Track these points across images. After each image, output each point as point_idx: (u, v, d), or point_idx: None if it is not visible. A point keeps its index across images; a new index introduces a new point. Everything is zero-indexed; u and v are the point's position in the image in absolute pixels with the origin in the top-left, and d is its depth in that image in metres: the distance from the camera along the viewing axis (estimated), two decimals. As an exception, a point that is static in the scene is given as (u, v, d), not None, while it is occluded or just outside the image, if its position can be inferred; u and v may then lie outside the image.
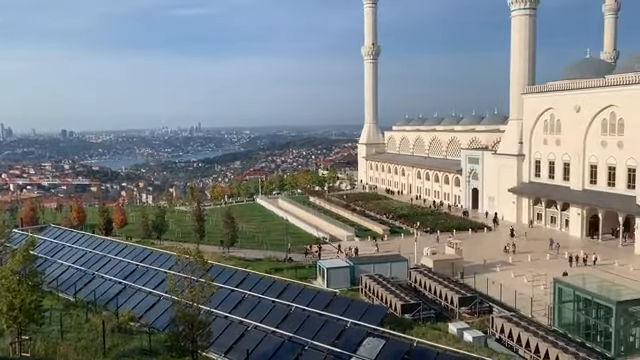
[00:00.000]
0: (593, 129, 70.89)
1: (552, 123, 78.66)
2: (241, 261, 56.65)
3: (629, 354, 34.25)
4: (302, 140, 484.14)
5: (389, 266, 50.92)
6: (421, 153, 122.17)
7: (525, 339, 33.87)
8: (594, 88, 70.54)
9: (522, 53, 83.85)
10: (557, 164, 77.57)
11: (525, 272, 53.23)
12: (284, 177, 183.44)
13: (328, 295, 37.79)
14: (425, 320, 39.39)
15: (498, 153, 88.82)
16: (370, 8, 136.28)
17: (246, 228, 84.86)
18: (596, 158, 70.70)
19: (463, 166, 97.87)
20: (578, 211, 72.22)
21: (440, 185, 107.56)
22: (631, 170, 65.06)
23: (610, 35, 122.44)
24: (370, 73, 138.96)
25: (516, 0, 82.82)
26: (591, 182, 71.56)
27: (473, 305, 41.96)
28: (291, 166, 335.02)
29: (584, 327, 37.02)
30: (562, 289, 39.00)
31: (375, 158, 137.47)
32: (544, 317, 40.70)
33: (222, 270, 41.70)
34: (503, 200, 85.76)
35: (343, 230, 78.07)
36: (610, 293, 36.94)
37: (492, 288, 46.84)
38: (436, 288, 45.25)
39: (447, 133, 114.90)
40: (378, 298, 43.51)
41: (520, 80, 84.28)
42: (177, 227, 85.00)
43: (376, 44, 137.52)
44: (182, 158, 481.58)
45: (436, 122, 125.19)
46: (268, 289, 38.15)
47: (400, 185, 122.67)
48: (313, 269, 54.11)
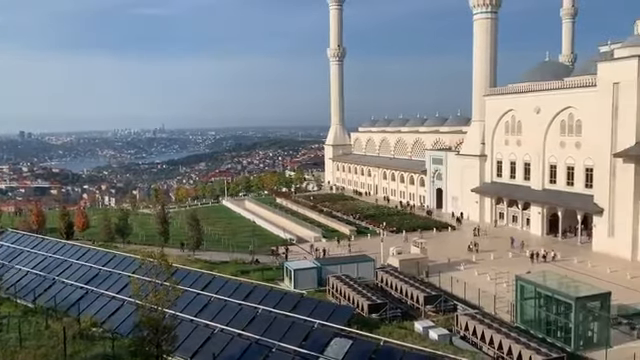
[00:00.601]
0: (552, 130, 72.94)
1: (513, 124, 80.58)
2: (207, 264, 56.00)
3: (587, 348, 35.35)
4: (268, 141, 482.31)
5: (356, 266, 51.20)
6: (387, 154, 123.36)
7: (489, 336, 34.55)
8: (553, 90, 72.60)
9: (484, 56, 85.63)
10: (518, 164, 79.48)
11: (488, 270, 54.34)
12: (250, 178, 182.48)
13: (295, 297, 37.73)
14: (392, 319, 39.74)
15: (461, 154, 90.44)
16: (336, 10, 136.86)
17: (212, 230, 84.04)
18: (555, 158, 72.76)
19: (427, 167, 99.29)
20: (539, 210, 74.17)
21: (405, 185, 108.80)
22: (589, 170, 67.19)
23: (568, 39, 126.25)
24: (336, 74, 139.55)
25: (478, 4, 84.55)
26: (551, 182, 73.61)
27: (438, 303, 42.59)
28: (257, 167, 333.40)
29: (545, 323, 38.02)
30: (524, 286, 39.97)
31: (342, 159, 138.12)
32: (507, 314, 41.63)
33: (187, 273, 41.18)
34: (466, 200, 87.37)
35: (310, 231, 78.14)
36: (569, 289, 38.05)
37: (456, 286, 47.66)
38: (402, 287, 45.74)
39: (412, 134, 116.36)
40: (345, 298, 43.69)
41: (482, 82, 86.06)
42: (141, 230, 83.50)
43: (342, 46, 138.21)
44: (146, 160, 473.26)
45: (401, 123, 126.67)
46: (234, 292, 37.85)
47: (367, 186, 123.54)
48: (280, 271, 53.95)
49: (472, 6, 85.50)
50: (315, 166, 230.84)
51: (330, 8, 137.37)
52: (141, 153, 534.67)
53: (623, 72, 59.81)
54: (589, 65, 69.77)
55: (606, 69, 62.35)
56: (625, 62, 59.90)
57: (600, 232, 63.30)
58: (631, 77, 58.75)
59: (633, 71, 58.54)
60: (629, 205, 59.30)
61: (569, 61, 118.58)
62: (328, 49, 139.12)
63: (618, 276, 52.41)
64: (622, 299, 42.88)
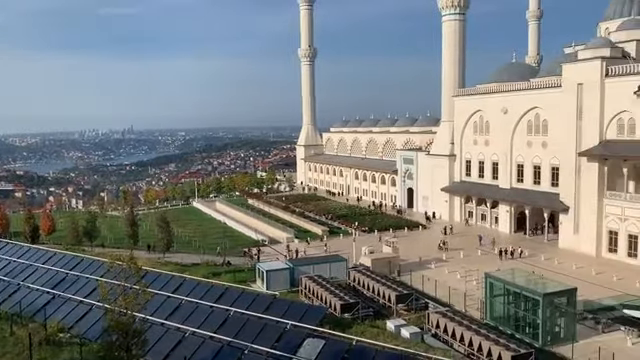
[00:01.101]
0: (519, 130, 74.41)
1: (481, 124, 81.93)
2: (177, 266, 55.38)
3: (555, 343, 36.16)
4: (240, 142, 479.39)
5: (328, 266, 51.27)
6: (358, 154, 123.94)
7: (459, 333, 35.03)
8: (520, 91, 74.08)
9: (453, 57, 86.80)
10: (486, 164, 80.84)
11: (458, 268, 55.12)
12: (221, 179, 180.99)
13: (267, 298, 37.62)
14: (364, 318, 39.92)
15: (431, 154, 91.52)
16: (306, 10, 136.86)
17: (182, 232, 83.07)
18: (522, 157, 74.25)
19: (398, 166, 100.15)
20: (507, 208, 75.58)
21: (377, 185, 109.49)
22: (555, 169, 68.77)
23: (534, 40, 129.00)
24: (307, 75, 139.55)
25: (446, 6, 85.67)
26: (518, 180, 75.08)
27: (410, 302, 42.98)
28: (229, 168, 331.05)
29: (514, 319, 38.75)
30: (493, 283, 40.65)
31: (314, 159, 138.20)
32: (477, 311, 42.26)
33: (157, 276, 40.65)
34: (436, 199, 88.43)
35: (282, 232, 77.94)
36: (537, 286, 38.88)
37: (427, 284, 48.23)
38: (374, 286, 46.00)
39: (383, 135, 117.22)
40: (318, 299, 43.71)
41: (451, 83, 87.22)
42: (109, 233, 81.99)
43: (312, 46, 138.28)
44: (114, 161, 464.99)
45: (372, 124, 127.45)
46: (206, 294, 37.53)
47: (339, 186, 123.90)
48: (252, 272, 53.65)
49: (441, 7, 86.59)
50: (287, 167, 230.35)
51: (300, 9, 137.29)
52: (109, 154, 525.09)
53: (587, 73, 61.41)
54: (554, 66, 71.42)
55: (570, 70, 63.93)
56: (589, 63, 61.52)
57: (566, 229, 64.86)
58: (594, 78, 60.38)
59: (596, 72, 60.17)
60: (593, 203, 60.93)
61: (535, 62, 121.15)
62: (299, 49, 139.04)
63: (583, 272, 53.81)
64: (587, 294, 44.00)
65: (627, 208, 57.81)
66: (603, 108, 60.03)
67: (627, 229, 57.91)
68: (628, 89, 57.06)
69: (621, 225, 58.55)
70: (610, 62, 59.94)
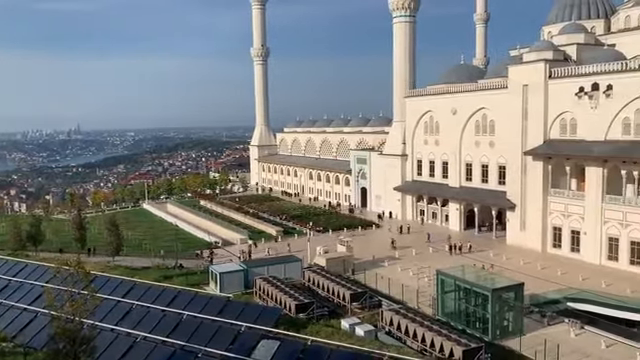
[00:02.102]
0: (468, 130, 76.39)
1: (432, 125, 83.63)
2: (127, 270, 53.89)
3: (504, 337, 37.31)
4: (191, 142, 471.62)
5: (283, 267, 51.12)
6: (312, 154, 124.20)
7: (412, 330, 35.62)
8: (468, 92, 76.08)
9: (403, 58, 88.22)
10: (437, 163, 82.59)
11: (411, 266, 56.09)
12: (172, 181, 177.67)
13: (221, 300, 37.16)
14: (319, 318, 40.03)
15: (384, 153, 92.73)
16: (258, 10, 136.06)
17: (132, 235, 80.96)
18: (471, 157, 76.28)
19: (352, 166, 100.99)
20: (456, 206, 77.47)
21: (331, 185, 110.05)
22: (501, 167, 70.97)
23: (481, 43, 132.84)
24: (260, 75, 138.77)
25: (397, 7, 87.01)
26: (467, 179, 77.09)
27: (364, 300, 43.37)
28: (180, 169, 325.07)
29: (465, 315, 39.74)
30: (444, 280, 41.57)
31: (267, 160, 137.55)
32: (429, 307, 43.11)
33: (107, 280, 39.51)
34: (389, 198, 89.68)
35: (236, 233, 77.16)
36: (486, 282, 40.01)
37: (381, 282, 48.85)
38: (329, 286, 46.18)
39: (336, 135, 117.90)
40: (272, 300, 43.52)
41: (402, 84, 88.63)
42: (55, 237, 78.92)
43: (265, 46, 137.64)
44: (59, 163, 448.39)
45: (326, 124, 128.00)
46: (158, 298, 36.71)
47: (293, 186, 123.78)
48: (205, 275, 52.85)
49: (392, 9, 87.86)
50: (240, 167, 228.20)
51: (253, 8, 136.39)
52: (54, 156, 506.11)
53: (531, 75, 63.67)
54: (500, 68, 73.67)
55: (516, 72, 66.13)
56: (533, 65, 63.81)
57: (513, 226, 67.06)
58: (539, 79, 62.68)
59: (540, 74, 62.48)
60: (538, 200, 63.24)
61: (482, 64, 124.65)
62: (252, 49, 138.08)
63: (530, 267, 55.78)
64: (534, 289, 45.65)
65: (570, 205, 60.32)
66: (547, 109, 62.41)
67: (570, 225, 60.40)
68: (570, 90, 59.53)
69: (565, 221, 61.02)
70: (553, 64, 62.37)
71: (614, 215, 55.69)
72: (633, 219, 53.92)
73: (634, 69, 53.97)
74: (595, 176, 57.32)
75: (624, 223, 54.78)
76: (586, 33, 69.54)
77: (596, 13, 78.28)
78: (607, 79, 56.08)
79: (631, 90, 53.92)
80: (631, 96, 53.93)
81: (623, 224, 54.87)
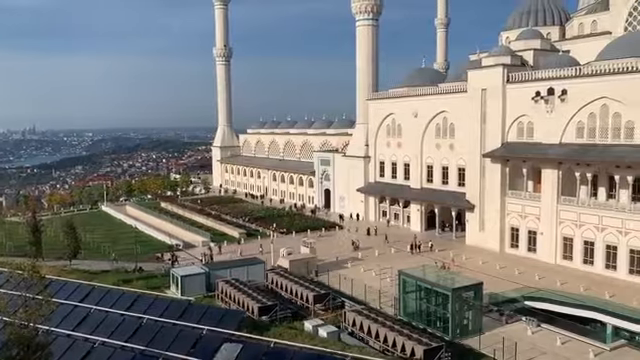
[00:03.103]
0: (429, 133, 77.64)
1: (394, 127, 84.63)
2: (85, 274, 52.52)
3: (464, 336, 38.05)
4: (152, 143, 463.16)
5: (246, 270, 50.72)
6: (276, 156, 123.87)
7: (375, 330, 35.94)
8: (429, 95, 77.34)
9: (366, 61, 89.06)
10: (399, 165, 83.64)
11: (373, 266, 56.58)
12: (132, 182, 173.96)
13: (182, 304, 36.57)
14: (282, 320, 39.91)
15: (347, 155, 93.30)
16: (221, 10, 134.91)
17: (90, 238, 78.93)
18: (432, 159, 77.55)
19: (316, 168, 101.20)
20: (418, 207, 78.61)
21: (295, 187, 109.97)
22: (461, 169, 72.40)
23: (442, 47, 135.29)
24: (223, 75, 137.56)
25: (360, 11, 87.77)
26: (428, 181, 78.33)
27: (327, 301, 43.49)
28: (140, 170, 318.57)
29: (426, 314, 40.37)
30: (406, 280, 42.11)
31: (230, 161, 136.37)
32: (391, 307, 43.58)
33: (63, 285, 38.39)
34: (353, 199, 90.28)
35: (198, 235, 76.20)
36: (446, 281, 40.73)
37: (344, 284, 49.09)
38: (292, 288, 46.13)
39: (300, 136, 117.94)
40: (235, 303, 43.16)
41: (365, 86, 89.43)
42: (8, 240, 76.20)
43: (228, 46, 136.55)
44: (13, 164, 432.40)
45: (290, 125, 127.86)
46: (116, 302, 35.88)
47: (257, 188, 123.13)
48: (166, 278, 51.99)
49: (355, 13, 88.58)
50: (202, 168, 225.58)
51: (215, 8, 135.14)
52: (8, 156, 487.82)
53: (490, 79, 65.21)
54: (460, 72, 75.18)
55: (475, 76, 67.61)
56: (491, 70, 65.36)
57: (472, 226, 68.48)
58: (497, 84, 64.25)
59: (498, 78, 64.05)
60: (497, 201, 64.79)
61: (443, 68, 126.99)
62: (214, 49, 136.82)
63: (489, 267, 57.09)
64: (492, 288, 46.71)
65: (527, 206, 62.03)
66: (505, 112, 64.01)
67: (527, 226, 62.10)
68: (527, 95, 61.22)
69: (522, 222, 62.69)
70: (511, 69, 64.04)
71: (569, 216, 57.56)
72: (586, 219, 55.85)
73: (587, 75, 55.96)
74: (551, 178, 59.13)
75: (578, 223, 56.68)
76: (542, 39, 71.75)
77: (552, 20, 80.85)
78: (562, 84, 57.96)
79: (584, 95, 55.88)
80: (585, 100, 55.88)
81: (577, 224, 56.76)
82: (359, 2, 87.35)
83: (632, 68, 51.70)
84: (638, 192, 53.39)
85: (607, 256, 54.01)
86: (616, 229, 53.14)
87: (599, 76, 54.64)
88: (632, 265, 51.96)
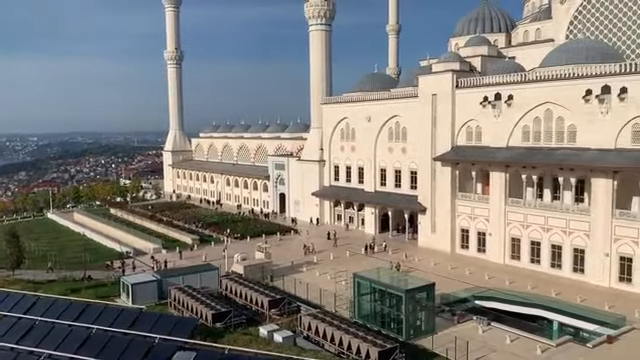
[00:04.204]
0: (382, 137, 78.72)
1: (348, 131, 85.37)
2: (30, 284, 50.49)
3: (417, 336, 38.68)
4: (100, 147, 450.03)
5: (199, 276, 49.95)
6: (230, 160, 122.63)
7: (330, 333, 36.06)
8: (381, 100, 78.46)
9: (320, 65, 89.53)
10: (353, 168, 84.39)
11: (328, 270, 56.79)
12: (80, 188, 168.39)
13: (133, 312, 35.59)
14: (237, 326, 39.55)
15: (302, 159, 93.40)
16: (172, 12, 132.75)
17: (35, 247, 75.84)
18: (385, 163, 78.63)
19: (270, 172, 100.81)
20: (372, 210, 79.50)
21: (249, 191, 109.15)
22: (413, 173, 73.71)
23: (393, 52, 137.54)
24: (174, 78, 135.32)
25: (313, 16, 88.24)
26: (382, 184, 79.37)
27: (282, 306, 43.37)
28: (88, 176, 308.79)
29: (380, 316, 40.81)
30: (360, 283, 42.46)
31: (182, 166, 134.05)
32: (347, 310, 43.82)
33: (6, 296, 36.72)
34: (308, 203, 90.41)
35: (149, 242, 74.43)
36: (400, 283, 41.35)
37: (300, 288, 49.04)
38: (247, 293, 45.75)
39: (255, 140, 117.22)
40: (188, 310, 42.44)
41: (319, 91, 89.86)
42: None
43: (179, 49, 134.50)
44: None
45: (244, 129, 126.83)
46: (64, 312, 34.57)
47: (210, 193, 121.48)
48: (116, 286, 50.57)
49: (308, 17, 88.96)
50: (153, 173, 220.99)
51: (166, 10, 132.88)
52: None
53: (440, 84, 66.75)
54: (411, 77, 76.59)
55: (425, 82, 69.06)
56: (441, 75, 66.93)
57: (424, 228, 69.79)
58: (446, 89, 65.82)
59: (448, 83, 65.65)
60: (447, 204, 66.28)
61: (394, 73, 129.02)
62: (165, 52, 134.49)
63: (440, 268, 58.29)
64: (444, 288, 47.70)
65: (476, 208, 63.73)
66: (454, 117, 65.65)
67: (476, 227, 63.79)
68: (475, 100, 63.01)
69: (471, 223, 64.36)
70: (460, 75, 65.77)
71: (516, 217, 59.49)
72: (533, 220, 57.87)
73: (531, 80, 58.11)
74: (498, 180, 60.99)
75: (525, 224, 58.67)
76: (489, 46, 74.04)
77: (498, 27, 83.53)
78: (508, 89, 59.96)
79: (529, 100, 58.00)
80: (530, 105, 57.99)
81: (524, 225, 58.74)
82: (312, 7, 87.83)
83: (572, 74, 54.08)
84: (581, 193, 55.86)
85: (552, 255, 56.15)
86: (561, 229, 55.33)
87: (542, 82, 56.87)
88: (576, 263, 54.22)
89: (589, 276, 52.76)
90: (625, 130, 50.45)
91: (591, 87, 52.23)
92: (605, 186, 51.41)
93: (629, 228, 50.05)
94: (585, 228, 53.19)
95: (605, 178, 51.33)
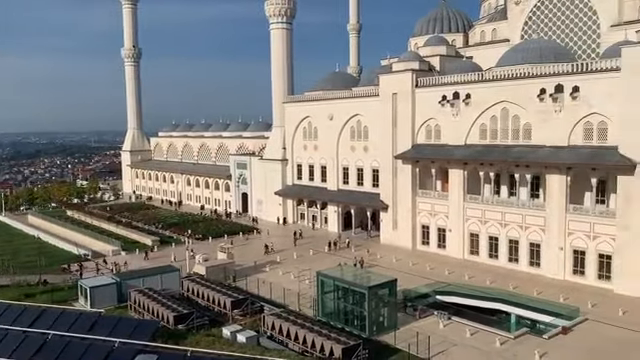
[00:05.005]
0: (344, 135, 79.15)
1: (310, 130, 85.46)
2: (-19, 290, 48.59)
3: (380, 332, 39.09)
4: (55, 148, 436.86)
5: (160, 278, 49.18)
6: (190, 159, 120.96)
7: (294, 332, 36.07)
8: (343, 99, 78.85)
9: (281, 64, 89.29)
10: (316, 167, 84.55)
11: (292, 269, 56.74)
12: (34, 190, 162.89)
13: (92, 316, 34.79)
14: (199, 328, 39.12)
15: (264, 158, 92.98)
16: (129, 9, 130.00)
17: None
18: (347, 161, 79.10)
19: (232, 171, 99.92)
20: (335, 209, 79.86)
21: (211, 191, 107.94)
22: (375, 171, 74.40)
23: (354, 51, 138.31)
24: (132, 76, 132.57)
25: (273, 14, 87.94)
26: (344, 182, 79.82)
27: (245, 307, 43.10)
28: (43, 177, 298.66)
29: (344, 313, 41.06)
30: (324, 281, 42.62)
31: (141, 166, 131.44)
32: (310, 309, 43.90)
33: (-45, 303, 35.19)
34: (271, 203, 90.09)
35: (107, 244, 72.73)
36: (363, 280, 41.69)
37: (263, 288, 48.87)
38: (209, 295, 45.28)
39: (215, 139, 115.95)
40: (149, 312, 41.71)
41: (281, 89, 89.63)
42: None
43: (137, 46, 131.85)
44: None
45: (204, 128, 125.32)
46: (18, 318, 33.50)
47: (170, 193, 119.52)
48: (74, 290, 49.23)
49: (268, 16, 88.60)
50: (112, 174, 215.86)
51: (123, 7, 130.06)
52: None
53: (400, 83, 67.57)
54: (373, 77, 77.26)
55: (386, 81, 69.78)
56: (401, 75, 67.76)
57: (386, 225, 70.58)
58: (406, 88, 66.68)
59: (408, 83, 66.52)
60: (408, 201, 67.21)
61: (356, 72, 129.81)
62: (122, 49, 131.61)
63: (402, 264, 59.08)
64: (406, 284, 48.32)
65: (436, 205, 64.85)
66: (414, 115, 66.58)
67: (437, 223, 64.92)
68: (434, 98, 64.06)
69: (432, 220, 65.46)
70: (419, 74, 66.73)
71: (474, 213, 60.82)
72: (490, 216, 59.28)
73: (488, 80, 59.47)
74: (457, 178, 62.21)
75: (483, 220, 60.03)
76: (447, 46, 75.39)
77: (456, 27, 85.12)
78: (466, 88, 61.21)
79: (486, 99, 59.36)
80: (487, 104, 59.34)
81: (482, 221, 60.11)
82: (273, 5, 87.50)
83: (527, 74, 55.64)
84: (536, 189, 57.53)
85: (510, 250, 57.67)
86: (517, 224, 56.88)
87: (498, 81, 58.28)
88: (532, 257, 55.84)
89: (545, 269, 54.45)
90: (577, 128, 52.23)
91: (545, 86, 53.85)
92: (559, 182, 53.13)
93: (582, 222, 51.87)
94: (540, 223, 54.84)
95: (559, 174, 53.04)
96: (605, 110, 49.95)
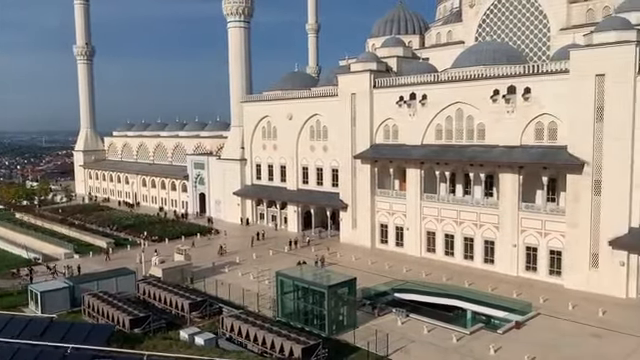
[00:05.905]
0: (303, 135, 79.18)
1: (269, 130, 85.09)
2: None
3: (339, 331, 39.29)
4: (3, 147, 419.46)
5: (114, 281, 48.02)
6: (145, 159, 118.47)
7: (253, 334, 35.85)
8: (302, 99, 78.85)
9: (239, 63, 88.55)
10: (275, 167, 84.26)
11: (251, 269, 56.38)
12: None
13: (43, 322, 33.69)
14: (156, 331, 38.42)
15: (222, 158, 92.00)
16: (81, 6, 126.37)
17: None
18: (307, 161, 79.16)
19: (189, 171, 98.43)
20: (294, 209, 79.80)
21: (167, 192, 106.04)
22: (335, 170, 74.74)
23: (313, 51, 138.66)
24: (84, 75, 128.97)
25: (231, 12, 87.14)
26: (304, 182, 79.85)
27: (204, 309, 42.57)
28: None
29: (303, 313, 41.08)
30: (283, 281, 42.52)
31: (95, 166, 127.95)
32: (270, 310, 43.72)
33: None
34: (229, 203, 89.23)
35: (59, 247, 70.54)
36: (322, 279, 41.83)
37: (221, 289, 48.36)
38: (166, 297, 44.51)
39: (172, 139, 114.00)
40: (104, 317, 40.65)
41: (239, 89, 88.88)
42: None
43: (90, 44, 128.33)
44: None
45: (160, 128, 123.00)
46: (-37, 326, 32.00)
47: (124, 194, 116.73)
48: (24, 295, 47.47)
49: (226, 14, 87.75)
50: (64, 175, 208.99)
51: (75, 3, 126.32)
52: None
53: (358, 84, 68.09)
54: (331, 77, 77.57)
55: (345, 81, 70.20)
56: (359, 75, 68.27)
57: (345, 225, 71.02)
58: (365, 88, 67.26)
59: (366, 83, 67.10)
60: (367, 201, 67.82)
61: (314, 72, 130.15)
62: (74, 47, 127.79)
63: (361, 263, 59.56)
64: (365, 283, 48.77)
65: (394, 204, 65.68)
66: (372, 115, 67.23)
67: (395, 222, 65.76)
68: (392, 99, 64.86)
69: (390, 218, 66.26)
70: (377, 75, 67.39)
71: (431, 212, 61.92)
72: (446, 215, 60.48)
73: (443, 81, 60.64)
74: (414, 177, 63.19)
75: (439, 218, 61.18)
76: (404, 47, 76.41)
77: (412, 29, 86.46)
78: (422, 89, 62.21)
79: (442, 99, 60.50)
80: (442, 105, 60.48)
81: (438, 219, 61.25)
82: (230, 4, 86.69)
83: (480, 75, 57.02)
84: (490, 188, 59.08)
85: (465, 247, 58.98)
86: (472, 222, 58.23)
87: (453, 82, 59.49)
88: (486, 255, 57.28)
89: (498, 266, 55.94)
90: (529, 128, 53.86)
91: (498, 87, 55.30)
92: (512, 181, 54.68)
93: (534, 220, 53.54)
94: (494, 221, 56.31)
95: (512, 173, 54.60)
96: (555, 111, 51.70)
